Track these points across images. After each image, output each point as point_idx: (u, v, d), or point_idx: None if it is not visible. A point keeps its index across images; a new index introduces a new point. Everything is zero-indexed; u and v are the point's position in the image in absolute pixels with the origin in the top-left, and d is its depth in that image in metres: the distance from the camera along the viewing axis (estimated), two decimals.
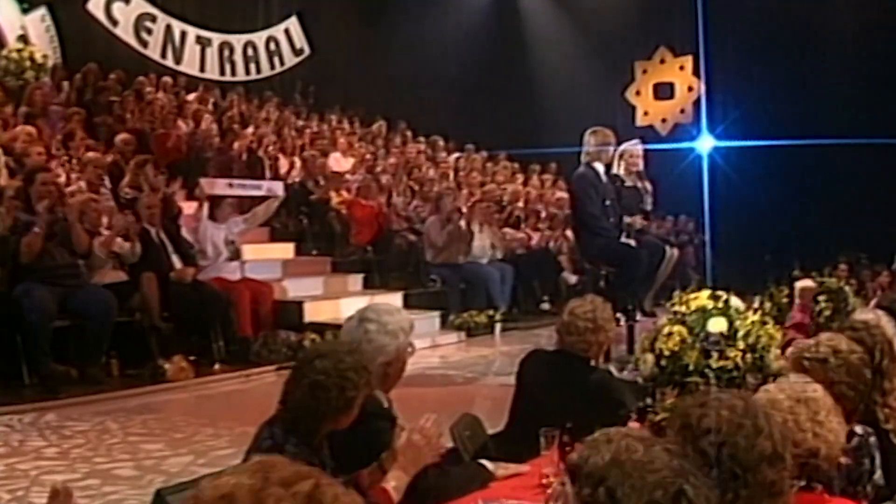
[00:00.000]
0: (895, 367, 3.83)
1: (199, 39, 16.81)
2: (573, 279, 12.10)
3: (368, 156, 13.51)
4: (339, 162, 13.55)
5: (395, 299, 10.39)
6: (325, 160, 13.19)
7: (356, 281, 10.79)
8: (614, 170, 8.40)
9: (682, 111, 17.52)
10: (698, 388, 5.71)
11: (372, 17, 18.26)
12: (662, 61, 17.78)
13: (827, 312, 8.71)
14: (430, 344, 9.65)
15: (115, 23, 15.65)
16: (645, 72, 17.89)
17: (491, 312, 10.61)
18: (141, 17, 16.00)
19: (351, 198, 11.66)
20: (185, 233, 8.99)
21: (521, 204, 13.34)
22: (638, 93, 17.91)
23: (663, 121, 17.69)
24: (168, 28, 16.35)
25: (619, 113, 17.85)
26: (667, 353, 5.92)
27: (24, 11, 14.45)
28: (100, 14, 15.51)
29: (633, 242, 7.90)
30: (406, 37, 17.93)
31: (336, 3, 18.70)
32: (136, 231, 8.13)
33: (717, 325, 5.98)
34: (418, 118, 17.36)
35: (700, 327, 6.01)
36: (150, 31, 16.13)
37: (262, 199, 9.63)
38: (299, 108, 16.87)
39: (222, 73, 17.19)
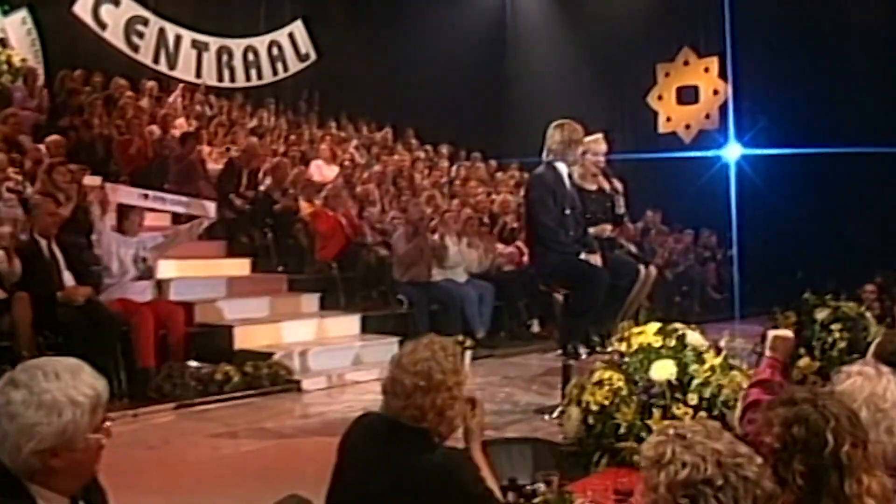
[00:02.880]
0: (865, 457, 2.41)
1: (195, 44, 15.55)
2: None
3: (347, 163, 12.01)
4: (320, 170, 12.09)
5: (352, 322, 8.93)
6: (303, 168, 11.77)
7: (312, 301, 9.29)
8: (576, 172, 6.77)
9: (708, 116, 15.84)
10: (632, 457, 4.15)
11: (381, 21, 16.90)
12: (686, 63, 16.08)
13: (842, 345, 7.02)
14: (377, 375, 8.07)
15: (103, 26, 14.45)
16: (667, 75, 16.20)
17: (461, 338, 8.98)
18: (132, 21, 14.79)
19: (316, 208, 10.16)
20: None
21: (513, 215, 11.70)
22: (660, 97, 16.23)
23: (687, 127, 16.00)
24: (161, 32, 15.12)
25: (641, 119, 16.27)
26: (595, 407, 4.32)
27: (4, 13, 13.33)
28: (87, 17, 14.33)
29: (595, 259, 6.24)
30: (416, 42, 16.58)
31: (343, 8, 17.30)
32: (16, 245, 6.74)
33: (664, 370, 4.34)
34: (426, 126, 15.95)
35: (641, 374, 4.39)
36: (141, 35, 14.89)
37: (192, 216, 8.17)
38: (302, 116, 15.56)
39: (220, 78, 15.92)
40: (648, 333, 4.45)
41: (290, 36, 16.86)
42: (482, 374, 8.42)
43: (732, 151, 14.58)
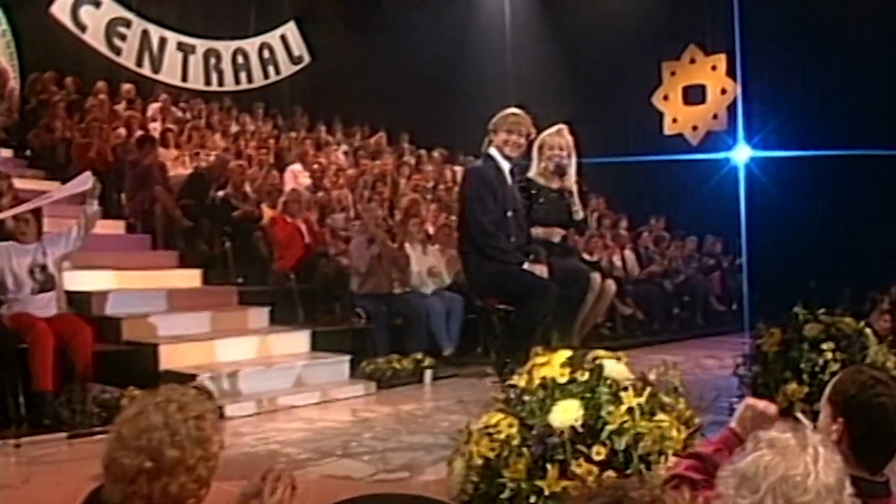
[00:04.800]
0: None
1: (180, 46, 14.73)
2: None
3: (316, 166, 11.07)
4: (296, 176, 11.19)
5: (301, 339, 7.99)
6: (275, 174, 10.91)
7: (260, 316, 8.33)
8: (532, 170, 5.77)
9: (716, 117, 14.70)
10: None
11: (377, 23, 16.00)
12: (692, 61, 14.95)
13: (835, 367, 5.96)
14: (318, 399, 7.12)
15: (82, 28, 13.66)
16: (673, 73, 15.09)
17: (419, 356, 8.02)
18: (113, 22, 14.00)
19: (274, 214, 9.24)
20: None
21: None
22: (666, 97, 15.12)
23: (694, 128, 14.88)
24: (145, 34, 14.31)
25: (646, 120, 15.21)
26: (478, 460, 3.31)
27: None
28: (65, 18, 13.57)
29: (541, 270, 5.22)
30: (413, 44, 15.65)
31: (338, 9, 16.46)
32: None
33: (567, 413, 3.30)
34: (422, 130, 15.06)
35: (539, 418, 3.38)
36: (123, 38, 14.09)
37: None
38: (290, 121, 14.73)
39: (207, 82, 15.09)
40: (554, 364, 3.42)
41: (283, 38, 16.02)
42: (436, 397, 7.45)
43: (742, 154, 13.48)
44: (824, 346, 5.88)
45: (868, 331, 6.13)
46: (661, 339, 10.81)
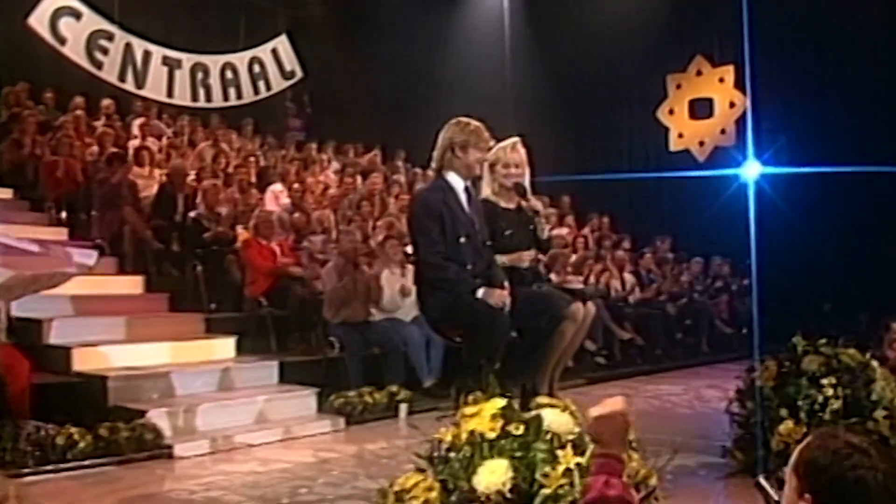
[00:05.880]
0: None
1: (166, 60, 14.37)
2: None
3: (297, 185, 10.71)
4: (276, 197, 10.85)
5: (267, 370, 7.60)
6: (253, 193, 10.57)
7: (226, 346, 7.93)
8: (485, 190, 5.35)
9: (724, 132, 14.31)
10: None
11: (372, 36, 15.76)
12: (699, 73, 14.59)
13: (836, 405, 5.54)
14: (280, 436, 6.71)
15: (62, 41, 13.33)
16: (679, 86, 14.71)
17: (394, 389, 7.60)
18: (94, 35, 13.62)
19: (247, 236, 8.88)
20: None
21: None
22: (671, 111, 14.74)
23: (701, 144, 14.49)
24: (128, 47, 13.95)
25: (650, 136, 14.82)
26: None
27: None
28: (43, 30, 13.19)
29: (500, 296, 4.78)
30: (410, 58, 15.38)
31: (332, 22, 16.17)
32: None
33: (492, 476, 2.88)
34: (419, 148, 14.63)
35: (462, 480, 2.94)
36: (105, 51, 13.75)
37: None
38: (278, 138, 14.47)
39: (194, 98, 14.70)
40: (484, 415, 3.00)
41: (274, 52, 15.66)
42: (409, 434, 6.97)
43: (751, 170, 12.94)
44: (824, 380, 5.45)
45: (875, 363, 5.70)
46: (662, 367, 10.37)
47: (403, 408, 7.55)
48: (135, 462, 5.99)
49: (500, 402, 3.06)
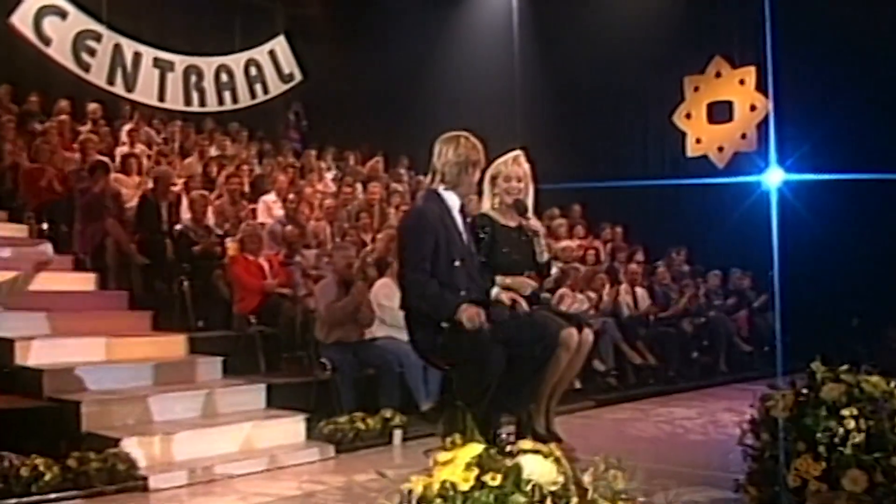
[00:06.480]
0: None
1: (157, 62, 14.29)
2: None
3: (292, 196, 10.60)
4: (269, 208, 10.75)
5: (255, 395, 7.49)
6: (244, 204, 10.49)
7: (211, 367, 7.82)
8: (485, 204, 5.26)
9: (744, 137, 14.17)
10: None
11: (374, 37, 15.67)
12: (718, 75, 14.46)
13: (857, 438, 5.34)
14: (265, 466, 6.58)
15: (46, 41, 13.27)
16: (697, 89, 14.59)
17: (388, 414, 7.47)
18: (81, 36, 13.56)
19: (233, 252, 8.79)
20: None
21: None
22: (688, 115, 14.64)
23: (720, 149, 14.35)
24: (117, 48, 13.88)
25: (666, 141, 14.72)
26: None
27: None
28: (27, 30, 13.12)
29: (472, 315, 4.64)
30: (414, 60, 15.35)
31: (333, 22, 16.11)
32: None
33: None
34: (424, 154, 14.54)
35: None
36: (93, 53, 13.68)
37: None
38: (276, 144, 14.42)
39: (188, 102, 14.63)
40: (458, 463, 2.87)
41: (271, 54, 15.58)
42: (403, 462, 6.94)
43: (774, 177, 12.78)
44: (845, 411, 5.25)
45: None
46: (676, 388, 10.21)
47: (398, 434, 7.42)
48: (106, 495, 5.85)
49: (477, 449, 2.92)
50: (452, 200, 4.92)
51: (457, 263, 4.79)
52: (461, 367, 4.67)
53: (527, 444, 3.08)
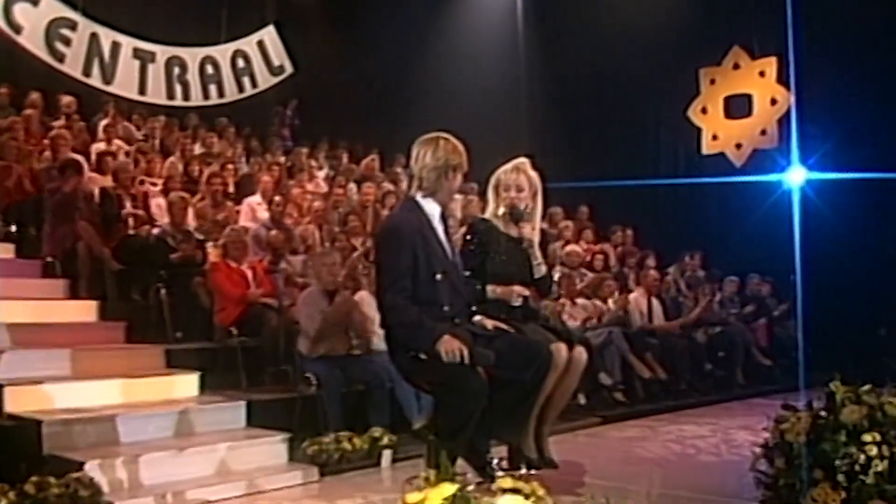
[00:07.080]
0: None
1: (137, 53, 14.16)
2: None
3: (278, 197, 10.46)
4: (254, 211, 10.62)
5: (233, 413, 7.33)
6: (229, 206, 10.35)
7: (188, 383, 7.66)
8: (488, 211, 5.18)
9: (764, 132, 14.04)
10: None
11: (369, 28, 15.56)
12: (736, 66, 14.31)
13: (880, 466, 5.17)
14: (242, 491, 6.41)
15: (17, 29, 13.12)
16: (713, 82, 14.44)
17: (377, 433, 7.30)
18: (54, 24, 13.40)
19: (215, 259, 8.65)
20: None
21: None
22: (704, 110, 14.48)
23: (738, 146, 14.21)
24: (93, 38, 13.74)
25: (681, 137, 14.60)
26: None
27: None
28: None
29: (451, 349, 4.51)
30: (412, 52, 15.20)
31: (325, 11, 15.99)
32: None
33: None
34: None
35: None
36: (67, 42, 13.54)
37: None
38: (264, 142, 14.30)
39: (170, 96, 14.50)
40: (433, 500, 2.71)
41: (260, 44, 15.46)
42: (392, 486, 6.68)
43: (796, 176, 12.74)
44: (867, 436, 5.08)
45: None
46: (688, 403, 10.04)
47: (387, 455, 7.23)
48: None
49: (450, 489, 2.76)
50: (431, 208, 4.80)
51: (438, 277, 4.66)
52: (441, 394, 4.54)
53: (507, 482, 2.92)
